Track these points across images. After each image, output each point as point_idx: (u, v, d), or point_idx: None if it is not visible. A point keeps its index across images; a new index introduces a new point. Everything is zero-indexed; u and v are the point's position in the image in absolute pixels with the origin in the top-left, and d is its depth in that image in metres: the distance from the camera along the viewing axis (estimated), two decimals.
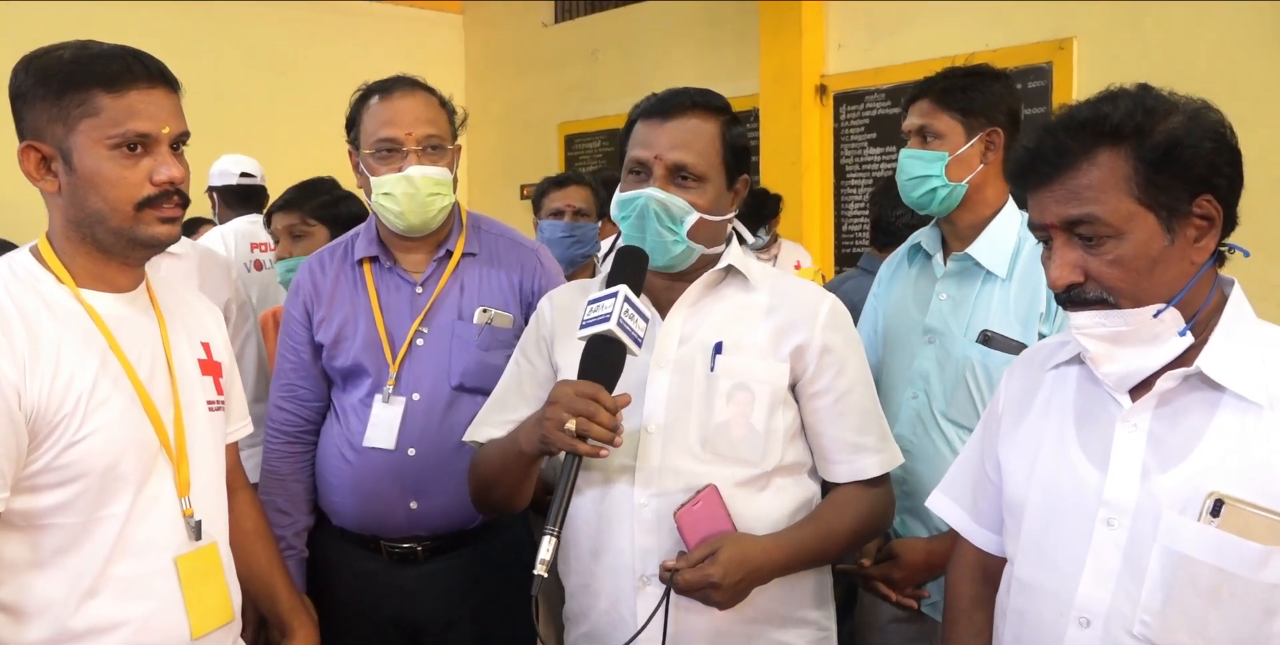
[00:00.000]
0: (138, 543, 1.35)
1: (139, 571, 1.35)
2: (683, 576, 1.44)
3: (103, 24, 5.44)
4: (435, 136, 1.97)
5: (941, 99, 1.96)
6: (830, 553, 1.62)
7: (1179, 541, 1.16)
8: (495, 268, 2.08)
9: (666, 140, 1.57)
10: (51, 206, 1.39)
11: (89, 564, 1.32)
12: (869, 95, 4.57)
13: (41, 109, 1.33)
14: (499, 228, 2.17)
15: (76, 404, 1.30)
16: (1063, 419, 1.33)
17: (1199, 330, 1.22)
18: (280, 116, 5.94)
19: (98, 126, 1.32)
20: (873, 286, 2.26)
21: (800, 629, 1.62)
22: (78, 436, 1.30)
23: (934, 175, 1.95)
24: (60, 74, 1.32)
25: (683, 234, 1.57)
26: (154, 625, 1.37)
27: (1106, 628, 1.21)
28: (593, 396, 1.40)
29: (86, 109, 1.32)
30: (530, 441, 1.49)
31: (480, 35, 6.81)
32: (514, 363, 1.75)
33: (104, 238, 1.36)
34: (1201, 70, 3.44)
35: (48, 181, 1.36)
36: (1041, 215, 1.23)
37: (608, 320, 1.42)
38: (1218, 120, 1.21)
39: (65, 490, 1.30)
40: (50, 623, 1.30)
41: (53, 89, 1.32)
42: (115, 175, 1.33)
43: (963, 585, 1.51)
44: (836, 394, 1.61)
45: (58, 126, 1.32)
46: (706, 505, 1.49)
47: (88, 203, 1.34)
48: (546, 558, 1.36)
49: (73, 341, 1.32)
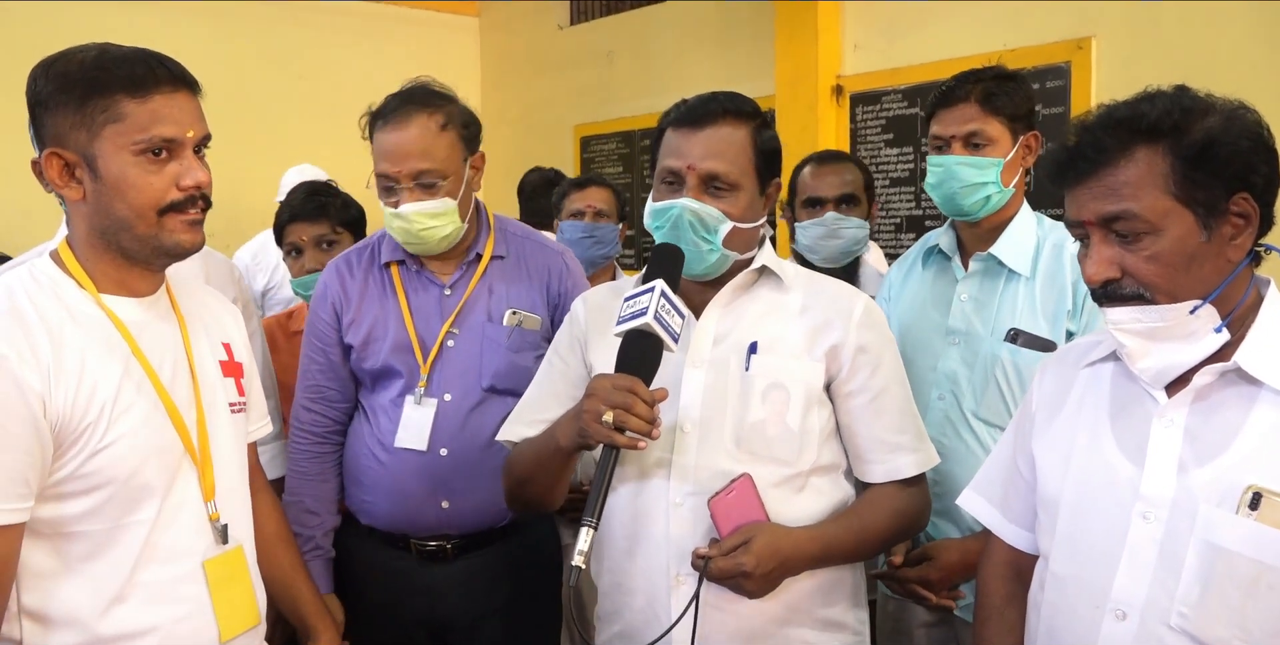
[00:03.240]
0: (165, 548, 1.35)
1: (167, 577, 1.35)
2: (716, 564, 1.45)
3: (119, 26, 5.47)
4: (427, 172, 1.93)
5: (989, 103, 1.95)
6: (864, 550, 1.63)
7: (1217, 535, 1.17)
8: (523, 270, 2.10)
9: (699, 150, 1.57)
10: (74, 214, 1.37)
11: (116, 571, 1.31)
12: (886, 96, 4.57)
13: (64, 115, 1.30)
14: (524, 231, 2.19)
15: (101, 411, 1.29)
16: (1097, 415, 1.33)
17: (1235, 327, 1.23)
18: (297, 119, 5.95)
19: (123, 132, 1.30)
20: (881, 290, 2.26)
21: (835, 633, 1.62)
22: (102, 444, 1.29)
23: (990, 182, 1.95)
24: (82, 79, 1.30)
25: (718, 243, 1.58)
26: (182, 631, 1.36)
27: (1143, 620, 1.21)
28: (630, 389, 1.41)
29: (111, 115, 1.30)
30: (568, 435, 1.50)
31: (496, 38, 6.82)
32: (547, 363, 1.76)
33: (129, 245, 1.35)
34: (1222, 69, 3.43)
35: (72, 189, 1.33)
36: (1079, 212, 1.24)
37: (644, 314, 1.42)
38: (1255, 120, 1.22)
39: (90, 498, 1.30)
40: (78, 630, 1.30)
41: (75, 95, 1.30)
42: (141, 181, 1.32)
43: (994, 582, 1.51)
44: (872, 393, 1.61)
45: (81, 133, 1.30)
46: (740, 494, 1.50)
47: (113, 209, 1.33)
48: (585, 549, 1.37)
49: (96, 348, 1.32)
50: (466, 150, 2.00)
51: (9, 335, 1.26)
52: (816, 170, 2.74)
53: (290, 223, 2.50)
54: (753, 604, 1.54)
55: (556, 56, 6.34)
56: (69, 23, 5.16)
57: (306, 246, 2.48)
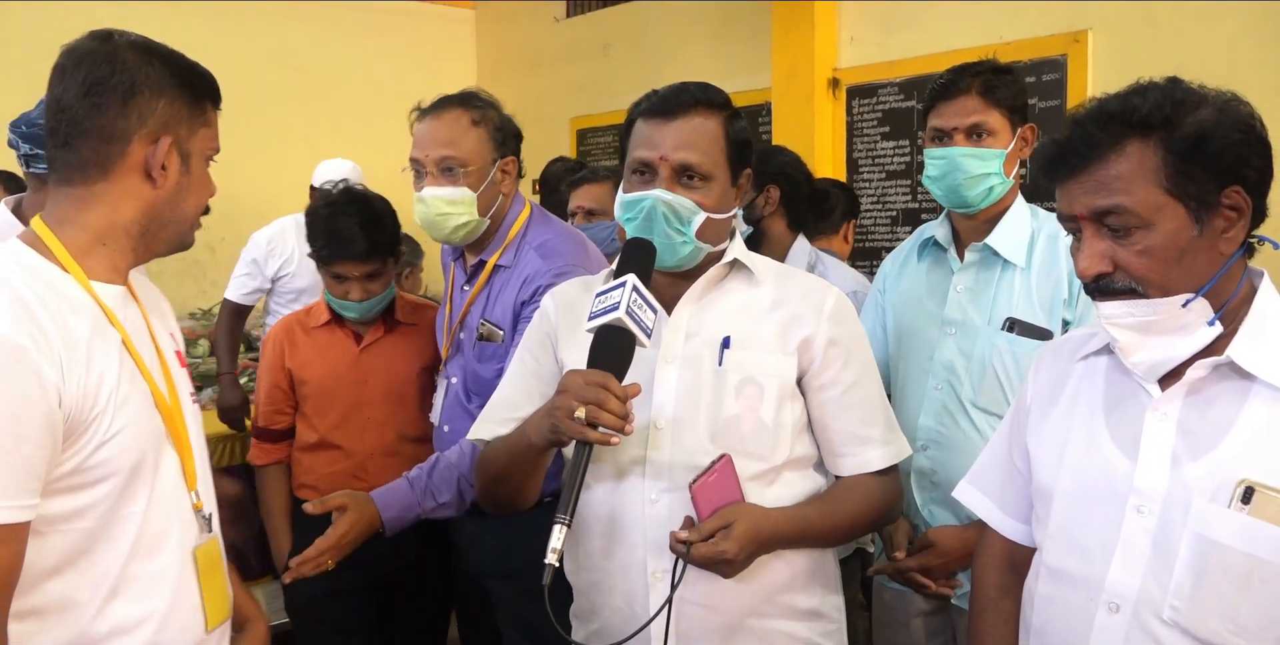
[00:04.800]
0: (157, 539, 1.34)
1: (158, 567, 1.34)
2: (698, 550, 1.44)
3: (119, 22, 5.46)
4: (450, 158, 2.07)
5: (991, 95, 1.96)
6: (837, 535, 1.63)
7: (1209, 528, 1.18)
8: (512, 284, 2.15)
9: (671, 140, 1.56)
10: (122, 195, 1.34)
11: (112, 563, 1.30)
12: (882, 89, 4.57)
13: (179, 107, 1.35)
14: (543, 239, 2.17)
15: (108, 401, 1.28)
16: (1092, 408, 1.34)
17: (1228, 320, 1.23)
18: (296, 112, 5.95)
19: (207, 138, 1.40)
20: (875, 282, 2.27)
21: (810, 622, 1.62)
22: (109, 434, 1.27)
23: (994, 173, 1.96)
24: (195, 78, 1.38)
25: (691, 234, 1.57)
26: (174, 621, 1.35)
27: (1136, 612, 1.22)
28: (602, 384, 1.39)
29: (205, 119, 1.39)
30: (540, 433, 1.49)
31: (493, 31, 6.81)
32: (518, 360, 1.75)
33: (167, 236, 1.40)
34: (1218, 63, 3.43)
35: (160, 174, 1.35)
36: (1070, 206, 1.24)
37: (616, 309, 1.42)
38: (1247, 112, 1.21)
39: (95, 490, 1.28)
40: (71, 626, 1.27)
41: (189, 92, 1.36)
42: (209, 184, 1.42)
43: (990, 574, 1.52)
44: (843, 386, 1.61)
45: (184, 127, 1.36)
46: (721, 476, 1.49)
47: (184, 203, 1.39)
48: (558, 546, 1.36)
49: (96, 338, 1.30)
50: (496, 150, 2.12)
51: (24, 326, 1.22)
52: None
53: (337, 260, 2.36)
54: (730, 598, 1.54)
55: (553, 49, 6.33)
56: (71, 19, 5.13)
57: (354, 280, 2.38)
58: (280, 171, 5.41)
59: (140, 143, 1.33)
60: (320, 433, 2.47)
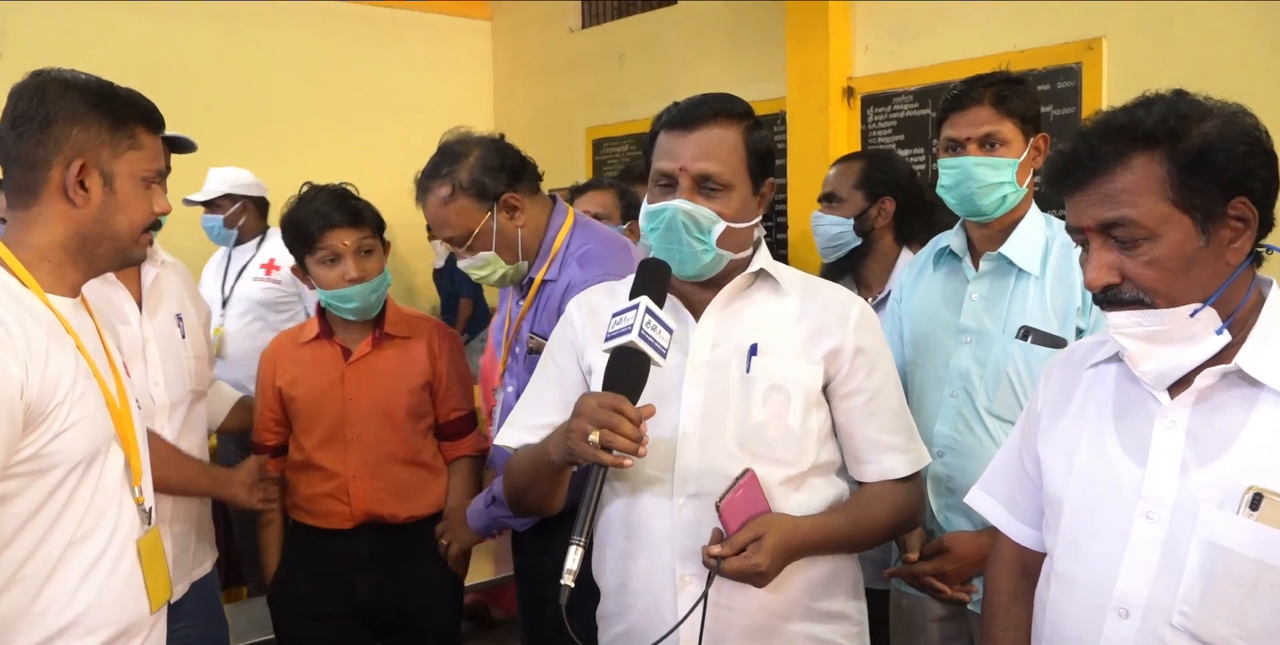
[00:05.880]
0: (98, 526, 1.44)
1: (98, 551, 1.44)
2: (730, 564, 1.47)
3: (133, 31, 5.55)
4: (451, 238, 2.18)
5: (1003, 105, 1.99)
6: (862, 541, 1.66)
7: (1218, 534, 1.19)
8: (556, 295, 2.17)
9: (691, 151, 1.60)
10: (54, 218, 1.47)
11: (54, 546, 1.39)
12: (896, 97, 4.57)
13: (95, 132, 1.46)
14: (585, 250, 2.20)
15: (66, 394, 1.39)
16: (1101, 415, 1.35)
17: (1236, 329, 1.24)
18: (310, 123, 6.00)
19: (138, 160, 1.50)
20: (893, 291, 2.30)
21: (835, 624, 1.65)
22: (65, 425, 1.38)
23: (1007, 182, 1.99)
24: (115, 104, 1.49)
25: (711, 243, 1.60)
26: (117, 602, 1.46)
27: (1145, 619, 1.23)
28: (616, 408, 1.42)
29: (134, 143, 1.50)
30: (557, 452, 1.53)
31: (508, 41, 6.85)
32: (542, 367, 1.78)
33: (104, 252, 1.51)
34: (1232, 70, 3.43)
35: (79, 196, 1.46)
36: (1078, 218, 1.26)
37: (629, 332, 1.45)
38: (1253, 124, 1.23)
39: (46, 478, 1.38)
40: (15, 602, 1.37)
41: (108, 117, 1.47)
42: (142, 203, 1.52)
43: (1002, 580, 1.53)
44: (868, 394, 1.64)
45: (105, 150, 1.47)
46: (747, 491, 1.52)
47: (113, 222, 1.49)
48: (573, 568, 1.39)
49: (53, 340, 1.41)
50: (483, 206, 2.14)
51: None
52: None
53: (327, 229, 2.31)
54: (757, 602, 1.57)
55: (568, 59, 6.37)
56: (85, 26, 5.21)
57: (347, 253, 2.31)
58: (295, 181, 5.46)
59: (59, 167, 1.45)
60: (305, 452, 2.40)
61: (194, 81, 5.29)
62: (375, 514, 2.37)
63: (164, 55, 5.42)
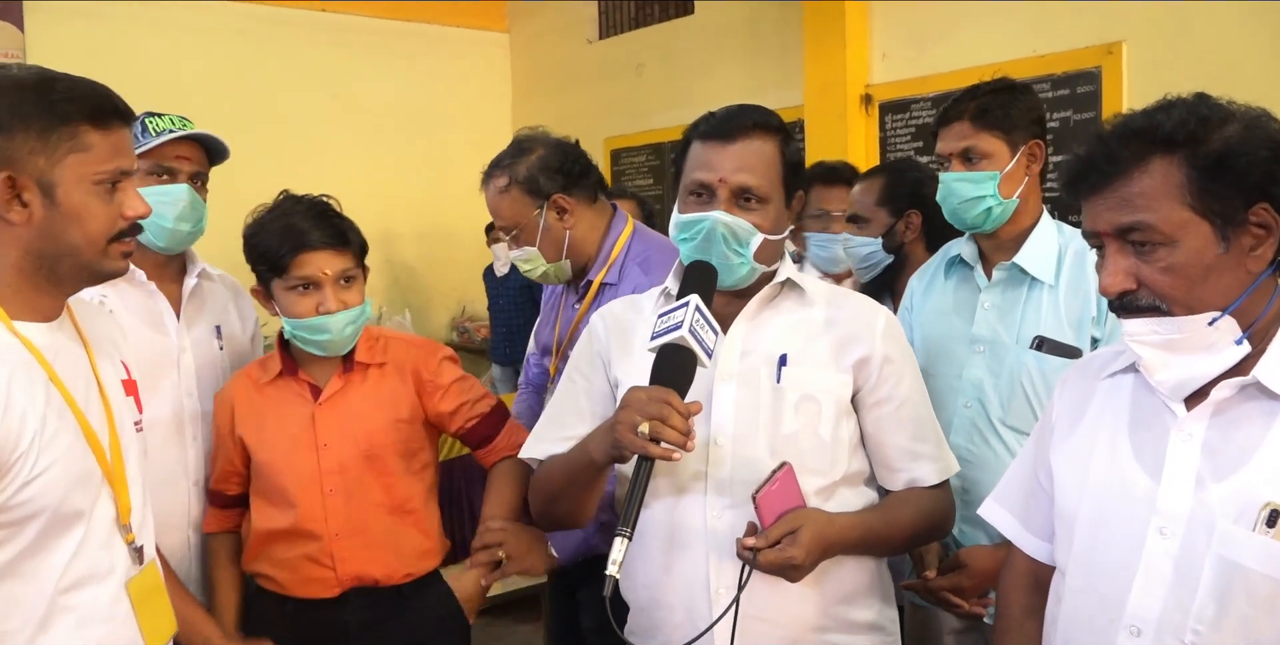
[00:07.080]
0: (88, 572, 1.34)
1: (93, 599, 1.34)
2: (765, 556, 1.45)
3: (156, 45, 5.61)
4: (503, 228, 2.27)
5: (981, 119, 1.98)
6: (896, 541, 1.66)
7: (1233, 551, 1.16)
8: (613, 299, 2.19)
9: (731, 163, 1.59)
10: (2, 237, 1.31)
11: (39, 598, 1.29)
12: (914, 104, 4.56)
13: (22, 139, 1.27)
14: (646, 251, 2.24)
15: (32, 441, 1.26)
16: (1116, 427, 1.32)
17: (1257, 339, 1.21)
18: (331, 137, 6.05)
19: (85, 163, 1.30)
20: (903, 300, 2.28)
21: (870, 635, 1.64)
22: (34, 474, 1.26)
23: (987, 196, 1.97)
24: (46, 105, 1.29)
25: (749, 255, 1.60)
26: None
27: (1158, 636, 1.20)
28: (665, 400, 1.42)
29: (76, 144, 1.30)
30: (601, 448, 1.51)
31: (526, 53, 6.90)
32: (568, 379, 1.77)
33: (66, 270, 1.34)
34: (1252, 72, 3.39)
35: (16, 212, 1.29)
36: (1094, 223, 1.24)
37: (679, 328, 1.44)
38: (1276, 129, 1.19)
39: (21, 529, 1.27)
40: None
41: (37, 119, 1.28)
42: (98, 210, 1.32)
43: (1015, 594, 1.50)
44: (897, 402, 1.64)
45: (40, 158, 1.28)
46: (784, 484, 1.51)
47: (65, 236, 1.31)
48: (619, 558, 1.37)
49: (19, 377, 1.28)
50: (536, 201, 2.20)
51: None
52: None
53: (303, 251, 1.93)
54: (792, 612, 1.56)
55: (586, 70, 6.39)
56: (109, 42, 5.28)
57: (327, 282, 1.94)
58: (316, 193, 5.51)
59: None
60: (275, 510, 2.01)
61: (215, 96, 5.36)
62: (365, 578, 2.00)
63: (186, 70, 5.50)
